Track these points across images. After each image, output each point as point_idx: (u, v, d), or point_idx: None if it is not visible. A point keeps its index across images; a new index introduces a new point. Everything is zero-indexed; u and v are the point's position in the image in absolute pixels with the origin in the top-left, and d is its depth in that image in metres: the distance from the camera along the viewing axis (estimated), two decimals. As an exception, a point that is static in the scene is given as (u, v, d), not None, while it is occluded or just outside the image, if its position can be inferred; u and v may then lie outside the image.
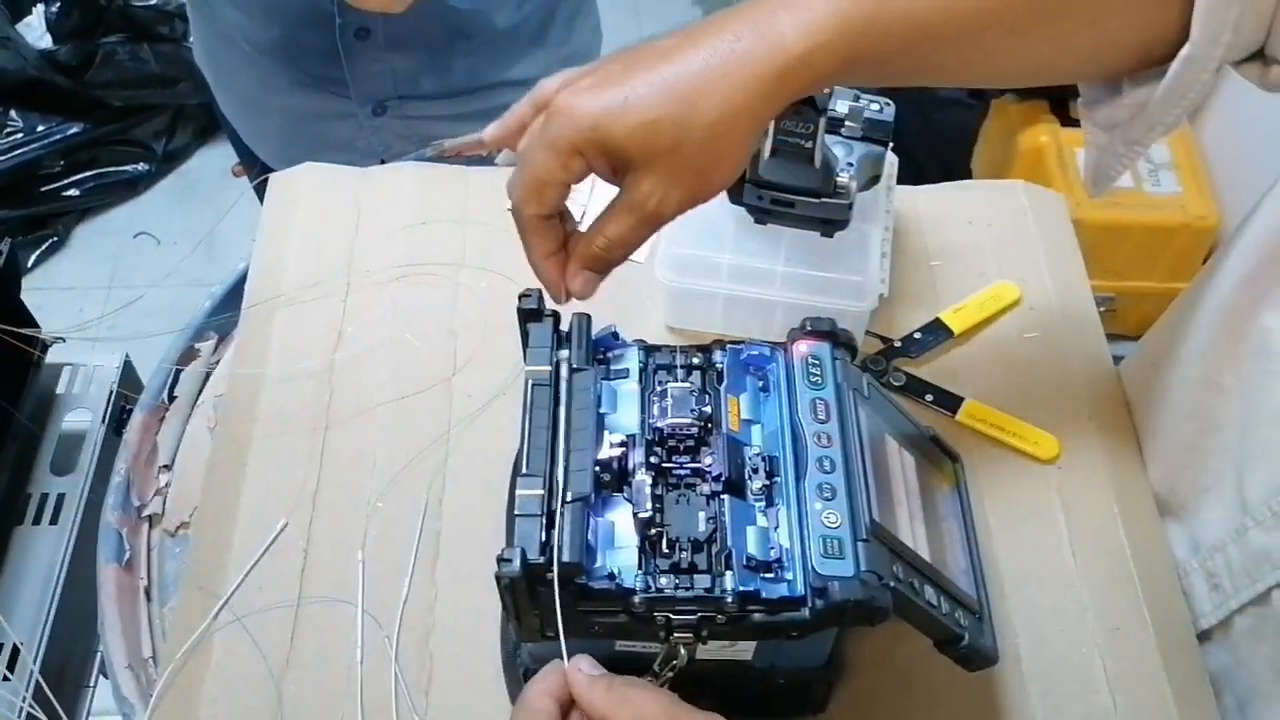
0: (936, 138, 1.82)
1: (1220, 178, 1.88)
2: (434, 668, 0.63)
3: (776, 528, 0.54)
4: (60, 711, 0.66)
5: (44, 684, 0.67)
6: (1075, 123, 1.91)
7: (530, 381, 0.55)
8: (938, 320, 0.77)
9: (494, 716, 0.62)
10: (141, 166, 2.22)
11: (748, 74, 0.50)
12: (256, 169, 1.12)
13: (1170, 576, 0.67)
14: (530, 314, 0.57)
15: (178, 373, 0.77)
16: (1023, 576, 0.67)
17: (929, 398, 0.74)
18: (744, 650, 0.56)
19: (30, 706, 0.64)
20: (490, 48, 1.00)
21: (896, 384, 0.74)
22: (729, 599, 0.51)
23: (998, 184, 0.86)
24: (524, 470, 0.52)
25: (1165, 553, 0.68)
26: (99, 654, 0.86)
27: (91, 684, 0.86)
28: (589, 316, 0.58)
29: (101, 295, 2.08)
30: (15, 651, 0.77)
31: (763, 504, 0.55)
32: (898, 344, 0.76)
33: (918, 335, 0.77)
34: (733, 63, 0.50)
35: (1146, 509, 0.70)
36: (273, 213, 0.82)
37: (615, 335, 0.59)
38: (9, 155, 2.06)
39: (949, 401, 0.74)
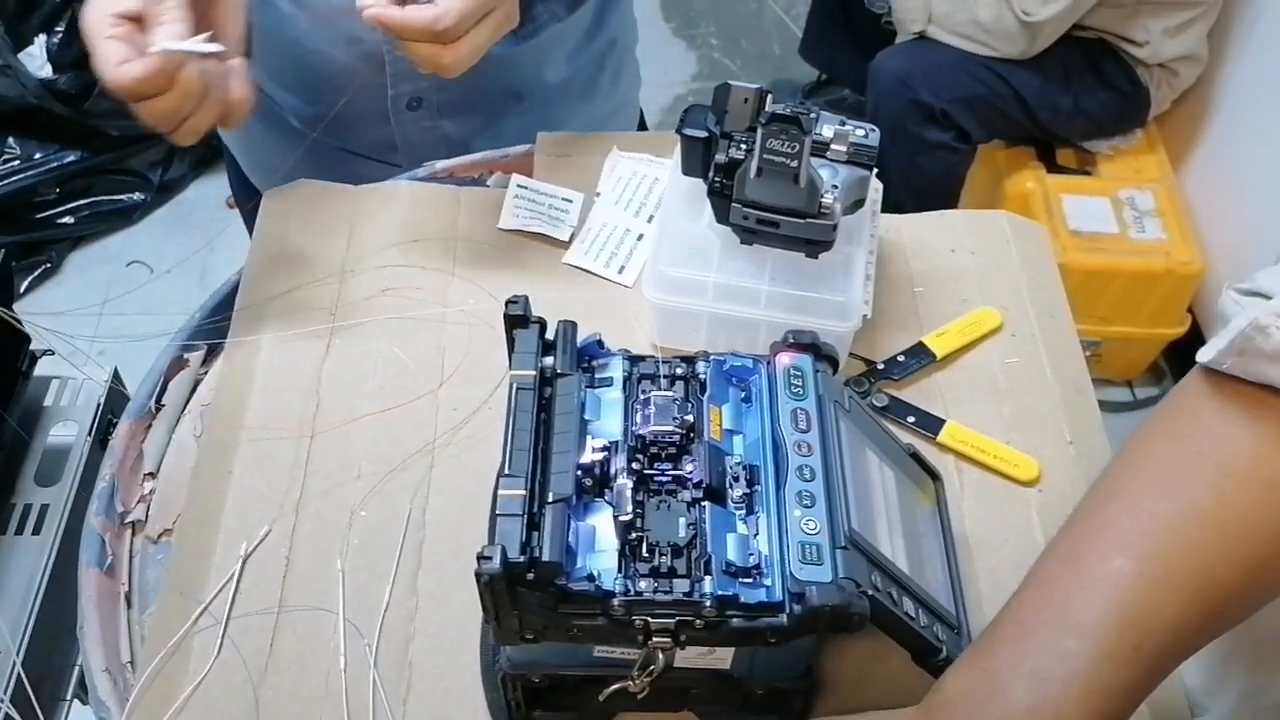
0: (920, 180, 1.84)
1: (1204, 225, 1.91)
2: (413, 676, 0.63)
3: (756, 535, 0.54)
4: (39, 713, 0.66)
5: (25, 689, 0.66)
6: (1061, 169, 1.94)
7: (515, 385, 0.56)
8: (920, 344, 0.78)
9: (471, 726, 0.62)
10: (137, 196, 2.24)
11: None
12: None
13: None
14: (516, 320, 0.58)
15: (165, 382, 0.77)
16: (1002, 596, 0.67)
17: (911, 419, 0.75)
18: (722, 659, 0.56)
19: (8, 707, 0.64)
20: (542, 105, 0.99)
21: (879, 405, 0.75)
22: (707, 603, 0.51)
23: (981, 213, 0.88)
24: (506, 471, 0.52)
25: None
26: (76, 668, 0.86)
27: (67, 698, 0.85)
28: (574, 324, 0.59)
29: (92, 322, 2.07)
30: (-7, 661, 0.77)
31: (743, 512, 0.55)
32: (881, 366, 0.77)
33: (900, 358, 0.77)
34: None
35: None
36: (266, 227, 0.83)
37: (600, 344, 0.60)
38: (5, 182, 2.08)
39: (931, 423, 0.74)
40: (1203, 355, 0.50)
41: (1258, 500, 0.47)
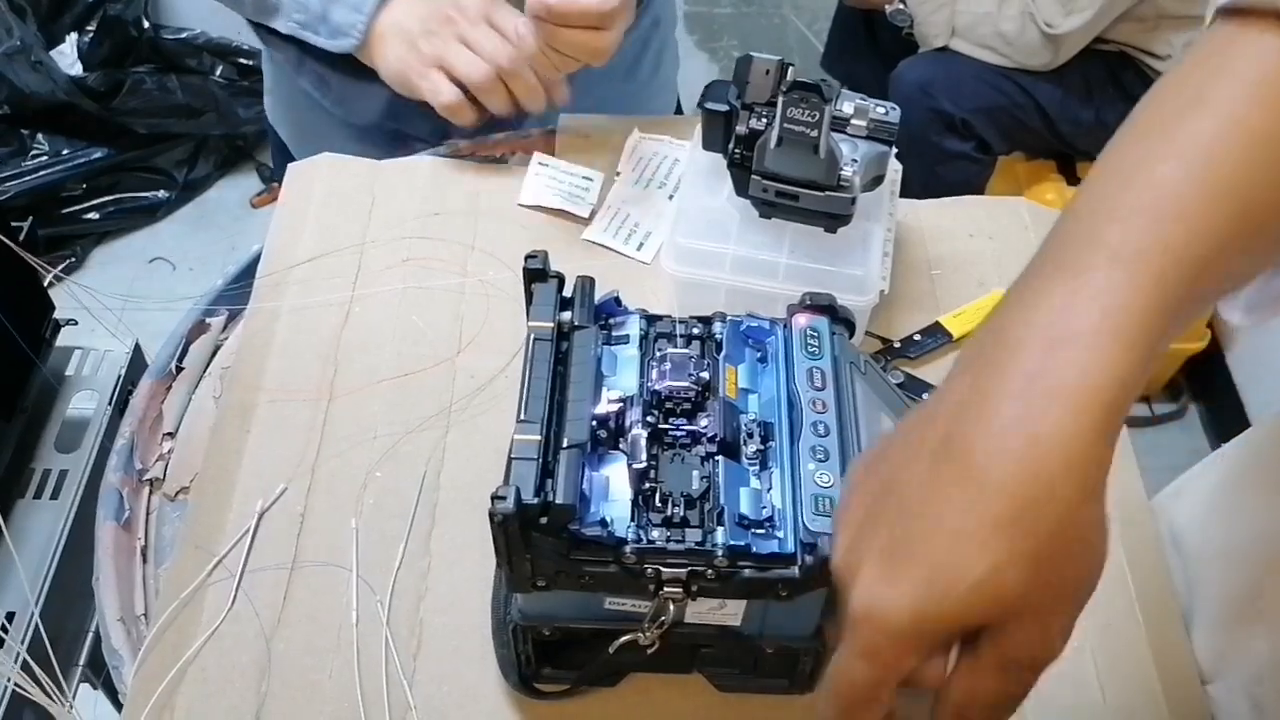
0: (940, 189, 1.83)
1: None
2: (424, 633, 0.63)
3: (769, 489, 0.54)
4: (55, 665, 0.66)
5: (42, 640, 0.67)
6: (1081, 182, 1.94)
7: (533, 336, 0.56)
8: (937, 324, 0.78)
9: (480, 683, 0.62)
10: (162, 194, 2.26)
11: (1063, 455, 0.40)
12: None
13: (1163, 575, 0.67)
14: (535, 274, 0.59)
15: (187, 345, 0.78)
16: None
17: (926, 397, 0.74)
18: (733, 614, 0.56)
19: (25, 655, 0.65)
20: (587, 85, 0.97)
21: (895, 382, 0.75)
22: (719, 553, 0.51)
23: (1000, 200, 0.88)
24: (522, 417, 0.53)
25: (1157, 553, 0.68)
26: (89, 634, 0.86)
27: (79, 664, 0.86)
28: (593, 280, 0.60)
29: (114, 307, 2.10)
30: (7, 623, 0.77)
31: (756, 467, 0.55)
32: (897, 345, 0.77)
33: (917, 337, 0.78)
34: (1040, 455, 0.40)
35: (1140, 511, 0.70)
36: (289, 198, 0.84)
37: (617, 301, 0.60)
38: (33, 177, 2.10)
39: (946, 402, 0.74)
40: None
41: None
